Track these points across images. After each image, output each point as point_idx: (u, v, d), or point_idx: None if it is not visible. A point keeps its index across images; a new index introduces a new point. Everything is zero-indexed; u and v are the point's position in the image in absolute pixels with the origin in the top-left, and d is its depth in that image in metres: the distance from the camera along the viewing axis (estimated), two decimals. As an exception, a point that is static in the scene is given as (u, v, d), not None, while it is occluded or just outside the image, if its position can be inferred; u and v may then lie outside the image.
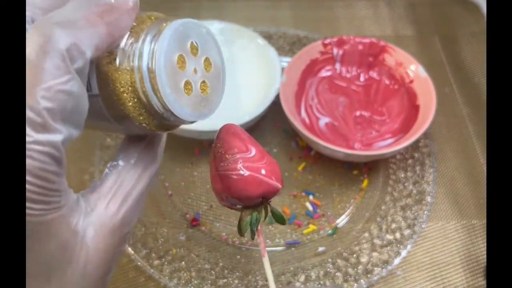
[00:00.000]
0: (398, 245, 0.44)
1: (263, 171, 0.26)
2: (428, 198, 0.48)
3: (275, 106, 0.50)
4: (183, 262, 0.43)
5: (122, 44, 0.20)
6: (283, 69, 0.52)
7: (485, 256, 0.44)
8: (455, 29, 0.66)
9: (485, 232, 0.46)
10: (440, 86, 0.56)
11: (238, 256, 0.45)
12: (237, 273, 0.43)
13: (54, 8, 0.19)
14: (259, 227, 0.28)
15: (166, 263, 0.43)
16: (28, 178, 0.16)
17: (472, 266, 0.44)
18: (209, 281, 0.42)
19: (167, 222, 0.47)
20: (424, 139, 0.52)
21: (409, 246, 0.44)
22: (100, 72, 0.20)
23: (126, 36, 0.20)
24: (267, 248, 0.45)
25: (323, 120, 0.52)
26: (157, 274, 0.42)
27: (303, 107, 0.53)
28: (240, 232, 0.28)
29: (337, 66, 0.56)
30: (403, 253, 0.44)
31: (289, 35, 0.63)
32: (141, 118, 0.21)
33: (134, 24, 0.20)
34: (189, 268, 0.43)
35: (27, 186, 0.16)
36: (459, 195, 0.49)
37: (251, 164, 0.26)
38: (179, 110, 0.20)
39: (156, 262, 0.43)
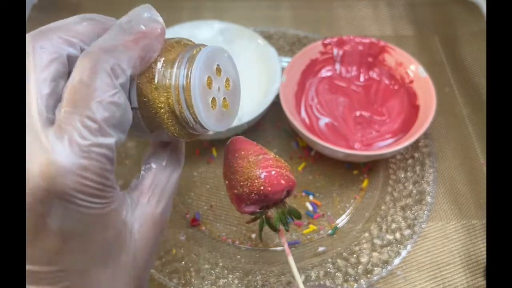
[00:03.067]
0: (398, 245, 0.44)
1: (285, 169, 0.30)
2: (428, 198, 0.48)
3: (275, 106, 0.50)
4: (183, 262, 0.43)
5: (159, 66, 0.23)
6: (283, 69, 0.52)
7: (485, 256, 0.44)
8: (455, 29, 0.66)
9: (485, 232, 0.46)
10: (440, 86, 0.56)
11: (238, 256, 0.45)
12: (237, 273, 0.43)
13: (96, 35, 0.22)
14: (281, 227, 0.30)
15: (166, 263, 0.43)
16: (91, 176, 0.19)
17: (472, 266, 0.44)
18: (209, 281, 0.42)
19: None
20: (424, 139, 0.52)
21: (409, 246, 0.44)
22: (140, 89, 0.23)
23: (163, 59, 0.23)
24: (268, 248, 0.45)
25: (323, 120, 0.52)
26: (157, 274, 0.42)
27: (303, 107, 0.53)
28: (274, 228, 0.30)
29: (337, 66, 0.56)
30: (403, 253, 0.44)
31: (289, 35, 0.63)
32: (173, 128, 0.24)
33: (169, 48, 0.24)
34: (189, 268, 0.43)
35: (90, 183, 0.19)
36: (459, 195, 0.49)
37: (277, 162, 0.29)
38: (208, 122, 0.24)
39: (156, 262, 0.43)
